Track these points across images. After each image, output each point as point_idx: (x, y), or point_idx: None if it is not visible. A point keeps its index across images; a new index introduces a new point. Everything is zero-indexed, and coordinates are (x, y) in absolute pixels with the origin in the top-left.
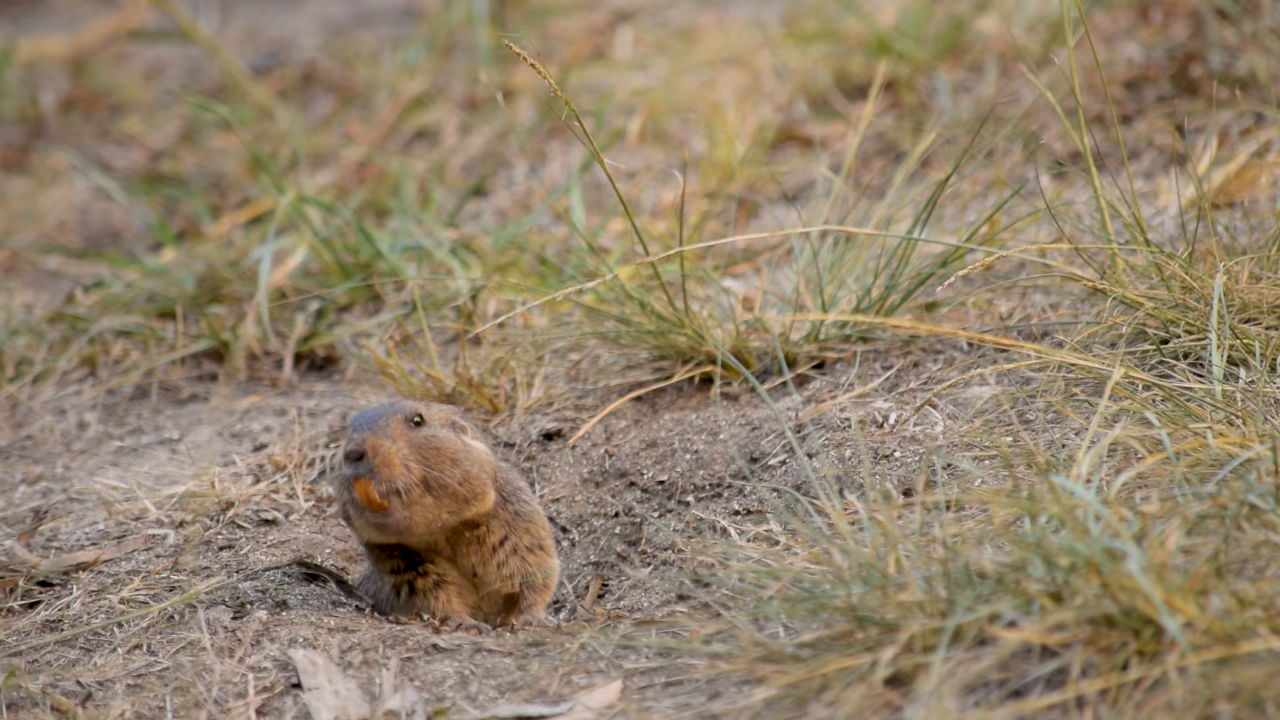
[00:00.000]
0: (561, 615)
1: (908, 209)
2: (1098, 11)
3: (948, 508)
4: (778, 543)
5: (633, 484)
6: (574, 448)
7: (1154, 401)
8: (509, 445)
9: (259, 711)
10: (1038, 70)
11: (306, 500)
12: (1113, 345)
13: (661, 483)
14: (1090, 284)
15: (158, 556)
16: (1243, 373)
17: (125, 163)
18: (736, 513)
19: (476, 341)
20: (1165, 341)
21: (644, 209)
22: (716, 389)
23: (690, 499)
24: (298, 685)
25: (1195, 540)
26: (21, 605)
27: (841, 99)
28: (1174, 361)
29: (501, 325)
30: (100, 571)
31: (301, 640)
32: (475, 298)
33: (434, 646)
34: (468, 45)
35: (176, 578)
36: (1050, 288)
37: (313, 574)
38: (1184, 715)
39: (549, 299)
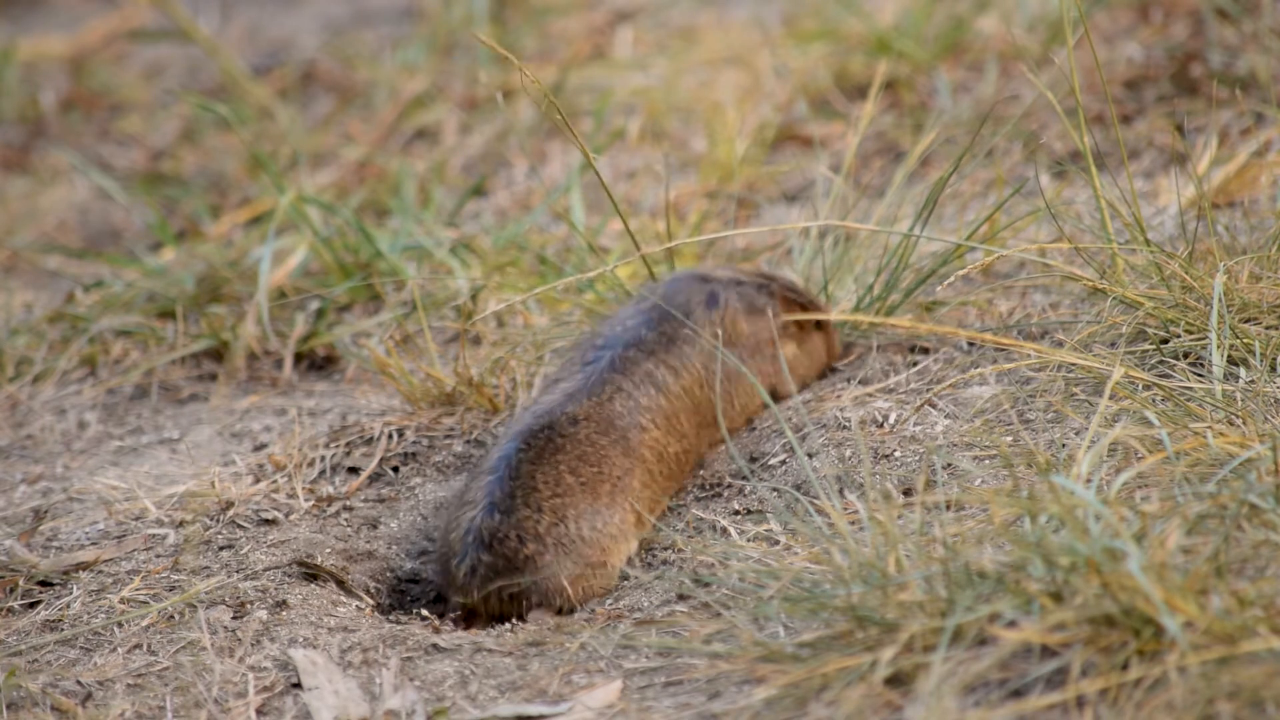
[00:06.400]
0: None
1: (908, 208)
2: (1098, 11)
3: (948, 508)
4: (778, 543)
5: None
6: None
7: (1154, 401)
8: None
9: (259, 711)
10: (1038, 70)
11: (306, 500)
12: (1113, 345)
13: None
14: (1090, 284)
15: (158, 556)
16: (1243, 372)
17: (125, 163)
18: (736, 513)
19: (477, 341)
20: (1165, 341)
21: (644, 209)
22: (717, 388)
23: (690, 499)
24: (298, 685)
25: (1195, 540)
26: (21, 605)
27: (841, 99)
28: (1174, 361)
29: (501, 324)
30: (100, 571)
31: (301, 640)
32: (475, 297)
33: (434, 646)
34: (468, 45)
35: (176, 578)
36: (1050, 287)
37: (313, 574)
38: (1184, 715)
39: (546, 289)
